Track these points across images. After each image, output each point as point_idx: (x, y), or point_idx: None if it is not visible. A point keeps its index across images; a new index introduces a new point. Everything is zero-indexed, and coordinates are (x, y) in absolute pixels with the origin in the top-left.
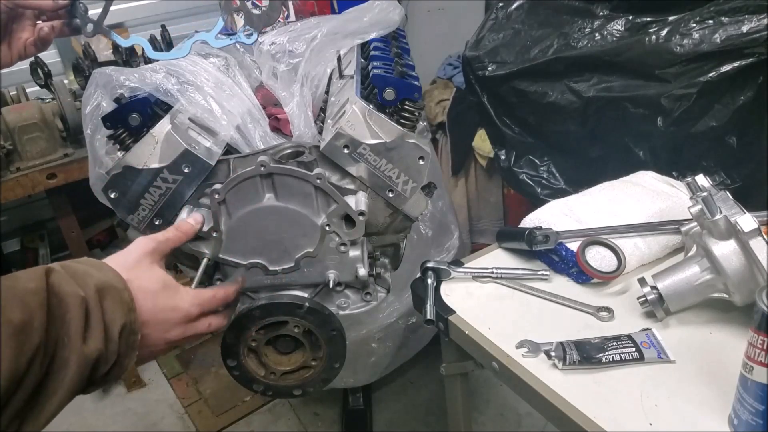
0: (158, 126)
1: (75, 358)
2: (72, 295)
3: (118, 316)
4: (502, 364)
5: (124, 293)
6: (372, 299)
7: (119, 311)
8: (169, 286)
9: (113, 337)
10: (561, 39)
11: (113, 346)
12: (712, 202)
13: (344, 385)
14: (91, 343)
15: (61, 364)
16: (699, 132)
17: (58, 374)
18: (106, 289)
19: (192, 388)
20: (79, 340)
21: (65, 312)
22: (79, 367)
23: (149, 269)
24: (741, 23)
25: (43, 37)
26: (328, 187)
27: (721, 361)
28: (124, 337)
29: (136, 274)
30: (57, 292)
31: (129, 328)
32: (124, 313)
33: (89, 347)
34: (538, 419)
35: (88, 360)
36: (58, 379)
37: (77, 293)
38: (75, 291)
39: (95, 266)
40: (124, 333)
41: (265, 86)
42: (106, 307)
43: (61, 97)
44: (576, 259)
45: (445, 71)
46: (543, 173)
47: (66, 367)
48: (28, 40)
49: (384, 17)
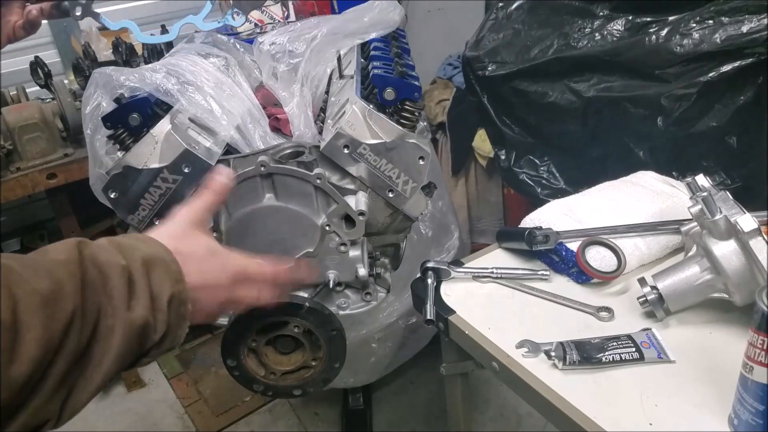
0: (158, 126)
1: (120, 325)
2: (112, 265)
3: (167, 287)
4: (502, 364)
5: (171, 264)
6: (372, 299)
7: (167, 282)
8: (215, 251)
9: (161, 307)
10: (561, 39)
11: (162, 316)
12: (712, 202)
13: (344, 385)
14: (136, 310)
15: (106, 332)
16: (699, 132)
17: (104, 342)
18: (153, 261)
19: (192, 388)
20: (123, 307)
21: (106, 281)
22: (125, 335)
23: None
24: (741, 23)
25: (32, 19)
26: (328, 187)
27: (721, 361)
28: (174, 308)
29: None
30: (96, 262)
31: (178, 298)
32: (171, 283)
33: (135, 314)
34: (538, 419)
35: (134, 327)
36: (104, 347)
37: (118, 262)
38: (116, 260)
39: (142, 240)
40: (173, 303)
41: (265, 86)
42: (153, 278)
43: (61, 97)
44: (576, 259)
45: (445, 71)
46: (543, 173)
47: (112, 335)
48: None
49: (384, 17)
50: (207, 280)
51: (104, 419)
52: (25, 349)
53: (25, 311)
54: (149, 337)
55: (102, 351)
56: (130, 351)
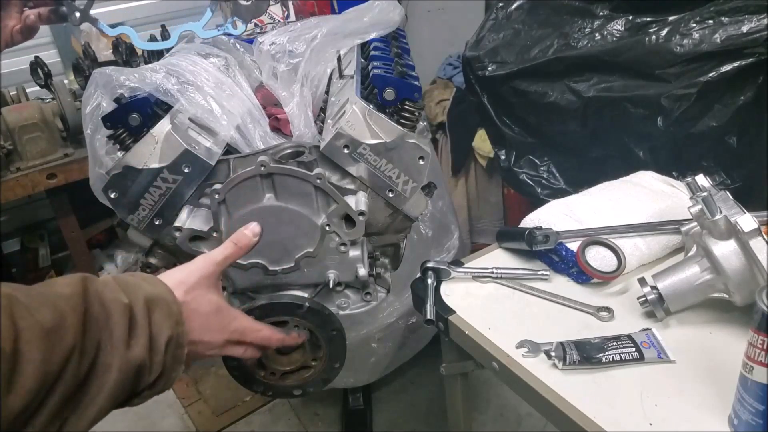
0: (158, 126)
1: (117, 362)
2: (115, 301)
3: (166, 328)
4: (502, 364)
5: (173, 306)
6: (372, 299)
7: (167, 323)
8: (220, 309)
9: (159, 348)
10: (561, 39)
11: (159, 357)
12: (712, 202)
13: (344, 385)
14: (135, 349)
15: (104, 368)
16: (699, 132)
17: (100, 378)
18: (155, 301)
19: (192, 388)
20: (122, 345)
21: (108, 317)
22: (122, 373)
23: (206, 292)
24: (741, 23)
25: (30, 24)
26: (328, 187)
27: (721, 361)
28: (170, 350)
29: (193, 296)
30: (100, 299)
31: (176, 341)
32: (171, 325)
33: (133, 353)
34: (538, 419)
35: (131, 366)
36: (99, 383)
37: (120, 300)
38: (118, 298)
39: (147, 280)
40: (170, 345)
41: (265, 86)
42: (154, 318)
43: (61, 97)
44: (576, 259)
45: (445, 71)
46: (543, 173)
47: (108, 372)
48: (15, 28)
49: (384, 17)
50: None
51: (104, 419)
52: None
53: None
54: (144, 377)
55: (98, 387)
56: (124, 389)
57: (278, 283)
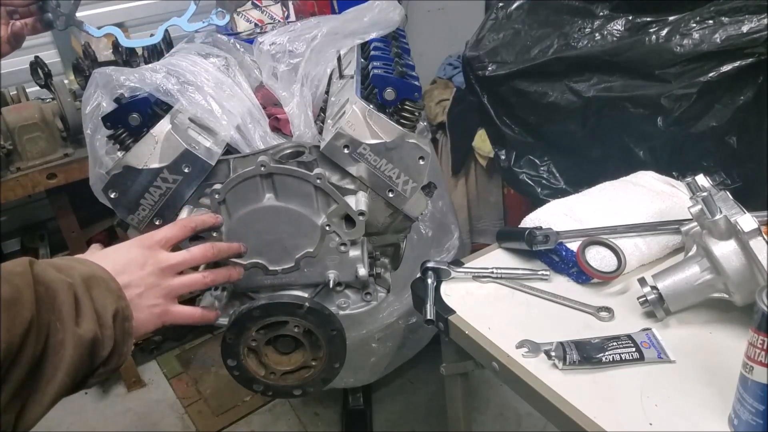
0: (158, 126)
1: (70, 339)
2: (59, 281)
3: (109, 303)
4: (502, 364)
5: (111, 282)
6: (372, 299)
7: (109, 298)
8: (122, 244)
9: (107, 323)
10: (561, 39)
11: (108, 331)
12: (712, 202)
13: (344, 385)
14: (84, 325)
15: (57, 346)
16: (699, 132)
17: (56, 356)
18: (92, 279)
19: (192, 388)
20: (71, 322)
21: (54, 297)
22: (76, 349)
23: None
24: (741, 23)
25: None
26: (328, 187)
27: (721, 361)
28: (118, 323)
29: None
30: (43, 280)
31: (122, 313)
32: (113, 299)
33: (83, 329)
34: (538, 419)
35: (84, 341)
36: (55, 361)
37: (64, 279)
38: (61, 278)
39: (77, 261)
40: (117, 319)
41: (265, 86)
42: (95, 295)
43: (61, 97)
44: (576, 259)
45: (445, 71)
46: (543, 173)
47: (62, 349)
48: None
49: (384, 17)
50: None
51: (104, 419)
52: None
53: None
54: (98, 353)
55: (54, 365)
56: (81, 366)
57: (278, 283)
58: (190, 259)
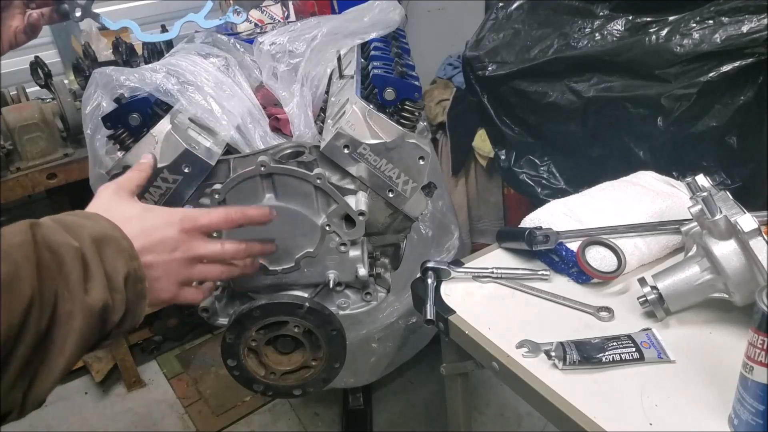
0: (158, 126)
1: (79, 309)
2: (66, 246)
3: (120, 265)
4: (502, 364)
5: (122, 241)
6: (372, 299)
7: (120, 260)
8: (151, 208)
9: (118, 287)
10: (561, 39)
11: (120, 296)
12: (712, 202)
13: (344, 385)
14: (93, 293)
15: (66, 317)
16: (699, 132)
17: (64, 327)
18: (103, 239)
19: (192, 388)
20: (80, 291)
21: (61, 264)
22: (85, 318)
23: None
24: (741, 23)
25: (33, 23)
26: (328, 187)
27: (721, 361)
28: (130, 286)
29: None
30: (49, 245)
31: (134, 275)
32: (125, 261)
33: (92, 297)
34: (538, 419)
35: (93, 311)
36: (63, 332)
37: (71, 244)
38: (68, 242)
39: (88, 217)
40: (129, 281)
41: (265, 86)
42: (106, 257)
43: (61, 97)
44: (576, 259)
45: (445, 71)
46: (543, 173)
47: (71, 320)
48: (18, 28)
49: (384, 17)
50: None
51: (104, 419)
52: None
53: None
54: (109, 319)
55: (63, 336)
56: (92, 334)
57: (278, 283)
58: (221, 254)
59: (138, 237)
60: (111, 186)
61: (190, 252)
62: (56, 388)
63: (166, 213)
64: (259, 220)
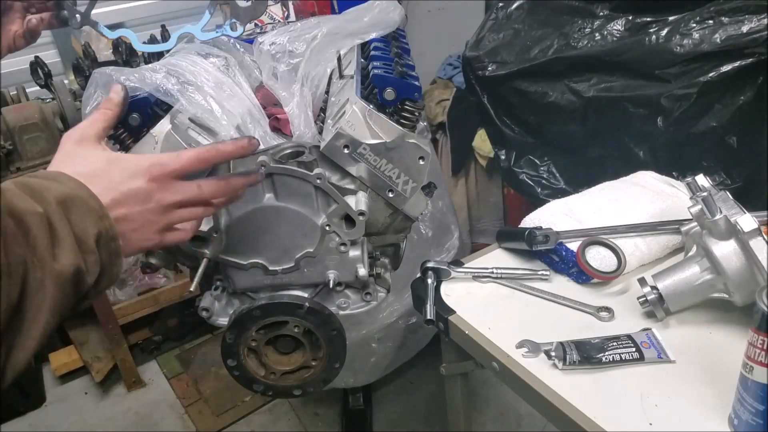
0: (158, 126)
1: (49, 276)
2: (30, 213)
3: (90, 226)
4: (502, 364)
5: (90, 201)
6: (372, 299)
7: (90, 220)
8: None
9: (90, 248)
10: (561, 39)
11: (93, 257)
12: (712, 202)
13: (344, 385)
14: (63, 258)
15: (36, 285)
16: (699, 132)
17: (36, 296)
18: (70, 201)
19: (192, 388)
20: (49, 257)
21: (27, 231)
22: (57, 286)
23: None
24: (741, 23)
25: (32, 28)
26: (328, 187)
27: (721, 361)
28: (103, 245)
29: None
30: (13, 212)
31: (106, 234)
32: (95, 221)
33: (62, 263)
34: (538, 419)
35: (64, 276)
36: (36, 301)
37: (35, 210)
38: (32, 208)
39: (53, 178)
40: (101, 241)
41: (265, 86)
42: (74, 219)
43: (61, 97)
44: (576, 259)
45: (445, 71)
46: (543, 173)
47: (42, 288)
48: (17, 33)
49: (384, 17)
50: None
51: (104, 419)
52: None
53: None
54: (83, 281)
55: (36, 306)
56: (66, 299)
57: (278, 283)
58: (199, 196)
59: (106, 192)
60: (74, 135)
61: (164, 200)
62: (56, 388)
63: (134, 162)
64: (236, 155)
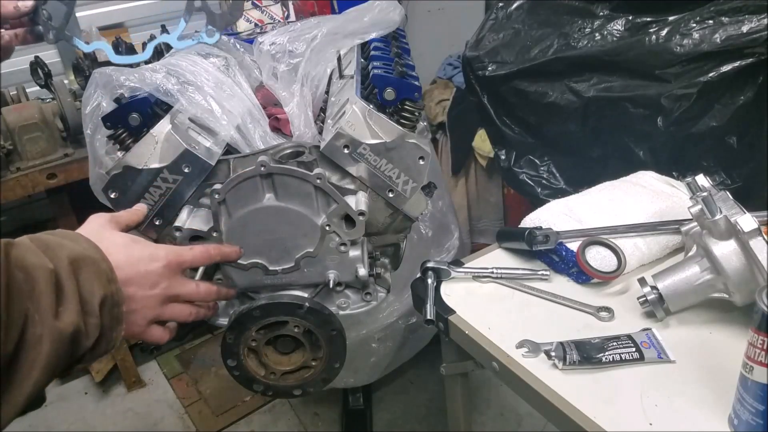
0: (158, 126)
1: (48, 334)
2: (39, 268)
3: (97, 288)
4: (502, 364)
5: (101, 264)
6: (372, 299)
7: (97, 282)
8: (139, 240)
9: (93, 311)
10: (561, 39)
11: (94, 320)
12: (712, 202)
13: (344, 385)
14: (65, 317)
15: (34, 341)
16: (699, 132)
17: (32, 351)
18: (82, 260)
19: (192, 388)
20: (50, 315)
21: (33, 286)
22: (54, 344)
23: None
24: (741, 23)
25: (5, 45)
26: (328, 187)
27: (721, 361)
28: (106, 310)
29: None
30: (22, 266)
31: (111, 299)
32: (103, 284)
33: (63, 322)
34: (538, 419)
35: (63, 336)
36: (31, 357)
37: (45, 266)
38: (43, 263)
39: (69, 237)
40: (106, 305)
41: (265, 86)
42: (83, 279)
43: (61, 97)
44: (576, 259)
45: (445, 71)
46: (543, 173)
47: (39, 344)
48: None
49: (384, 17)
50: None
51: (104, 419)
52: None
53: None
54: (81, 343)
55: (30, 361)
56: (61, 360)
57: (278, 283)
58: (196, 294)
59: (123, 267)
60: (103, 216)
61: (169, 290)
62: (56, 388)
63: (153, 246)
64: (231, 258)
